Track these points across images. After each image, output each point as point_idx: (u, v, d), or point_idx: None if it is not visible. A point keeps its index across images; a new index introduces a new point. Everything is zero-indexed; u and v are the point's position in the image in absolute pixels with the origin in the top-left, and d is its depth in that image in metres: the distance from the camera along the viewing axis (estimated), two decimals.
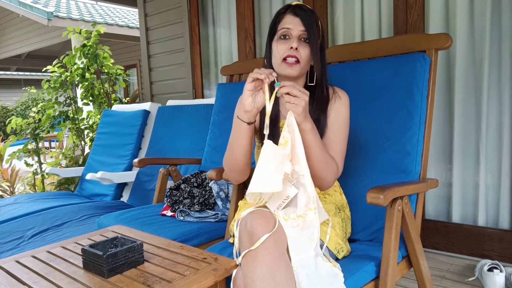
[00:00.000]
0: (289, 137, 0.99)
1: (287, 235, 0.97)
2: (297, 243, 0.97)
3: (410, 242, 1.22)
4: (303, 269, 0.95)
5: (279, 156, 0.97)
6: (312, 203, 1.00)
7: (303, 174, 0.99)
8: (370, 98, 1.47)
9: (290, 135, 0.99)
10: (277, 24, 1.17)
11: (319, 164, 1.07)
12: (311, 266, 0.96)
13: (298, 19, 1.13)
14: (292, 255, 0.96)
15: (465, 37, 2.05)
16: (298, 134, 0.99)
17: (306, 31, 1.12)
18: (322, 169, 1.09)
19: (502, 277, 1.66)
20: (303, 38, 1.13)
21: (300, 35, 1.13)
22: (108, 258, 0.99)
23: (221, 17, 3.18)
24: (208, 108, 2.47)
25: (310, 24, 1.12)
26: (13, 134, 5.02)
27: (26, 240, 1.94)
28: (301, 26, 1.12)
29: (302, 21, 1.12)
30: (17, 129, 4.13)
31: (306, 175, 0.99)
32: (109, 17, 7.86)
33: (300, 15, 1.13)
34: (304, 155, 0.99)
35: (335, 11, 2.48)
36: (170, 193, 1.88)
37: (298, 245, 0.97)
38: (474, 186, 2.08)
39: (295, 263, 0.96)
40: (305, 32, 1.12)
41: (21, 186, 4.52)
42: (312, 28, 1.12)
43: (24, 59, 11.14)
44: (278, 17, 1.17)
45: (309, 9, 1.15)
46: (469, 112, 2.07)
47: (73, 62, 3.89)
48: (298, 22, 1.12)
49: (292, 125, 0.99)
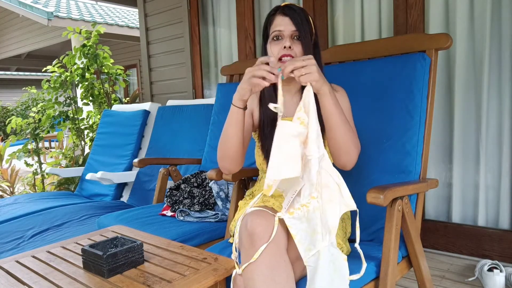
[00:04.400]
0: (305, 117, 0.94)
1: (294, 234, 0.93)
2: (305, 239, 0.94)
3: (410, 242, 1.22)
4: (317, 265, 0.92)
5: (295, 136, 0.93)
6: (315, 191, 0.96)
7: (310, 158, 0.95)
8: (370, 98, 1.47)
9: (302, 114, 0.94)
10: (268, 27, 1.19)
11: (343, 132, 1.05)
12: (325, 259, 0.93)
13: (287, 18, 1.14)
14: (302, 253, 0.93)
15: (465, 37, 2.05)
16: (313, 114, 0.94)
17: (297, 29, 1.13)
18: (346, 138, 1.06)
19: (502, 277, 1.65)
20: (295, 36, 1.15)
21: (292, 34, 1.14)
22: (108, 258, 0.99)
23: (221, 17, 3.18)
24: (208, 108, 2.47)
25: (300, 22, 1.13)
26: (13, 134, 5.02)
27: (26, 240, 1.94)
28: (292, 26, 1.13)
29: (292, 20, 1.13)
30: (17, 129, 4.13)
31: (314, 159, 0.95)
32: (109, 17, 7.86)
33: (289, 14, 1.14)
34: (315, 138, 0.95)
35: (335, 11, 2.48)
36: (170, 193, 1.88)
37: (307, 241, 0.94)
38: (474, 186, 2.08)
39: (307, 261, 0.93)
40: (296, 31, 1.13)
41: (21, 186, 4.52)
42: (302, 26, 1.13)
43: (24, 59, 11.13)
44: (269, 19, 1.19)
45: (298, 7, 1.17)
46: (469, 112, 2.07)
47: (73, 62, 3.89)
48: (288, 22, 1.14)
49: (308, 104, 0.95)
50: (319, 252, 0.94)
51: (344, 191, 0.97)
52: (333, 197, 0.97)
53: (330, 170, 0.97)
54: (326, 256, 0.94)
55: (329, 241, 0.96)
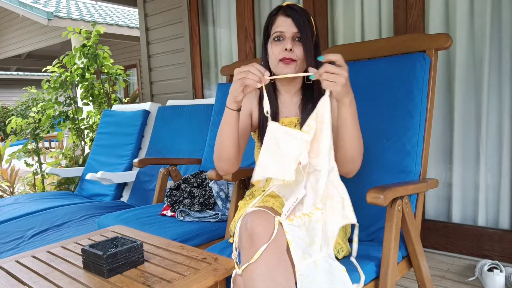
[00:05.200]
0: (314, 126, 0.94)
1: (290, 240, 0.94)
2: (300, 247, 0.94)
3: (410, 242, 1.22)
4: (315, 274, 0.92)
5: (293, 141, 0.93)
6: (320, 202, 0.96)
7: (319, 170, 0.95)
8: (370, 98, 1.47)
9: (317, 125, 0.94)
10: (270, 27, 1.18)
11: (355, 143, 1.05)
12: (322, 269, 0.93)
13: (290, 19, 1.14)
14: (297, 261, 0.93)
15: (465, 37, 2.05)
16: (327, 126, 0.93)
17: (299, 31, 1.13)
18: (356, 148, 1.06)
19: (502, 277, 1.65)
20: (296, 38, 1.15)
21: (293, 35, 1.14)
22: (108, 258, 0.99)
23: (221, 17, 3.18)
24: (208, 108, 2.47)
25: (302, 23, 1.13)
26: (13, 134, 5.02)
27: (26, 240, 1.94)
28: (294, 27, 1.13)
29: (294, 22, 1.13)
30: (17, 129, 4.14)
31: (323, 171, 0.94)
32: (109, 17, 7.86)
33: (291, 15, 1.14)
34: (327, 151, 0.94)
35: (335, 11, 2.48)
36: (170, 193, 1.88)
37: (302, 250, 0.94)
38: (474, 186, 2.08)
39: (300, 270, 0.93)
40: (298, 33, 1.13)
41: (21, 186, 4.52)
42: (304, 27, 1.13)
43: (24, 59, 11.13)
44: (271, 19, 1.19)
45: (300, 8, 1.16)
46: (469, 112, 2.07)
47: (73, 62, 3.89)
48: (290, 23, 1.14)
49: (323, 115, 0.94)
50: (316, 262, 0.94)
51: (346, 204, 0.97)
52: (335, 209, 0.97)
53: (337, 183, 0.97)
54: (323, 266, 0.94)
55: (326, 252, 0.96)
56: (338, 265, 0.98)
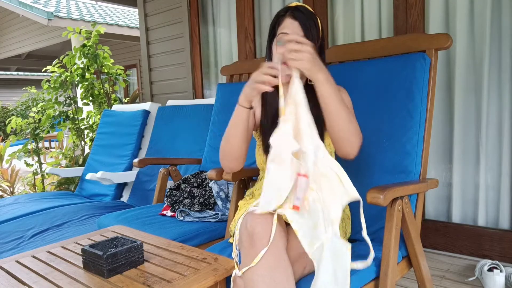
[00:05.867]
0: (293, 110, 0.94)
1: (297, 229, 0.93)
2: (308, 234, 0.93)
3: (410, 242, 1.22)
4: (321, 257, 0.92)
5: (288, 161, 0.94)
6: (313, 182, 0.95)
7: (305, 152, 0.95)
8: (370, 98, 1.47)
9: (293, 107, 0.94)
10: (276, 27, 1.18)
11: (342, 121, 1.03)
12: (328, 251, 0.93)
13: (297, 22, 1.13)
14: (306, 247, 0.92)
15: (465, 37, 2.05)
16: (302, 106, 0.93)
17: (305, 35, 1.12)
18: (345, 127, 1.04)
19: (502, 277, 1.65)
20: None
21: None
22: (108, 258, 0.99)
23: (221, 17, 3.18)
24: (208, 108, 2.47)
25: (309, 28, 1.13)
26: (13, 134, 5.02)
27: (26, 240, 1.94)
28: (300, 31, 1.13)
29: (301, 25, 1.13)
30: (17, 129, 4.13)
31: (309, 152, 0.94)
32: (109, 17, 7.86)
33: (299, 18, 1.13)
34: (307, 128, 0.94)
35: (335, 11, 2.48)
36: (170, 193, 1.88)
37: (310, 236, 0.93)
38: (474, 186, 2.08)
39: (312, 254, 0.92)
40: (304, 36, 1.13)
41: (21, 186, 4.52)
42: (310, 32, 1.13)
43: (24, 59, 11.13)
44: (278, 19, 1.18)
45: (308, 10, 1.16)
46: (469, 112, 2.07)
47: (73, 62, 3.89)
48: (297, 26, 1.13)
49: (295, 96, 0.94)
50: (323, 244, 0.93)
51: (344, 179, 0.96)
52: (334, 188, 0.96)
53: (328, 160, 0.96)
54: (329, 249, 0.93)
55: (332, 232, 0.95)
56: (343, 244, 0.97)
